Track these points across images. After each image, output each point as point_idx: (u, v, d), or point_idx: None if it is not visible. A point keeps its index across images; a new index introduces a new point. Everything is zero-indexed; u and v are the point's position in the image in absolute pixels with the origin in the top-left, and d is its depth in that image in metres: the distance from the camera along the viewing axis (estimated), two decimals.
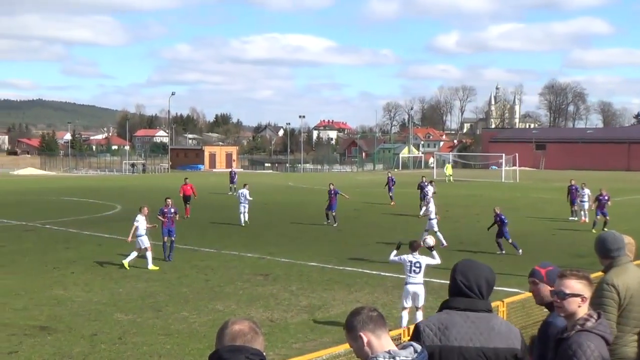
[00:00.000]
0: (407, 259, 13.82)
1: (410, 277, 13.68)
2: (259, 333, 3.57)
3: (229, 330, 3.56)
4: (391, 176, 43.63)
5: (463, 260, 4.61)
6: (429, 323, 4.41)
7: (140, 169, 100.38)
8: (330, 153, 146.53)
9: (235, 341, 3.51)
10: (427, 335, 4.33)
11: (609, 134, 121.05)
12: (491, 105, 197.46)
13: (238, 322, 3.59)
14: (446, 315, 4.40)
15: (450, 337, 4.31)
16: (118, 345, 12.60)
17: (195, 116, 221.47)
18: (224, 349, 3.49)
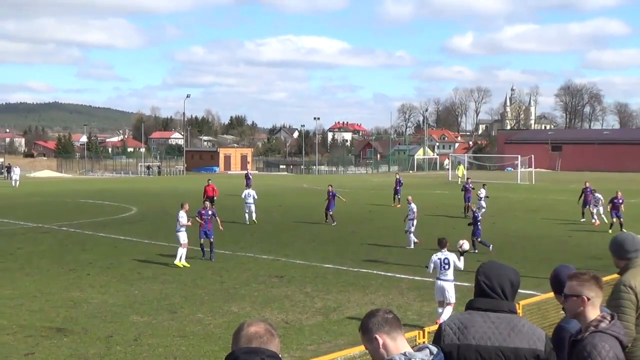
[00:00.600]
0: (435, 257, 14.39)
1: (440, 274, 14.22)
2: (275, 335, 3.57)
3: (244, 332, 3.56)
4: (399, 178, 43.52)
5: (487, 262, 4.66)
6: (450, 322, 4.48)
7: (156, 171, 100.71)
8: (345, 155, 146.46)
9: (251, 343, 3.50)
10: (447, 334, 4.41)
11: (625, 135, 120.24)
12: (506, 107, 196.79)
13: (254, 323, 3.59)
14: (467, 315, 4.46)
15: (468, 336, 4.36)
16: (134, 347, 12.63)
17: (210, 118, 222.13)
18: (240, 350, 3.49)
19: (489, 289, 4.45)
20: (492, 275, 4.47)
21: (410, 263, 21.24)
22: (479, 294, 4.49)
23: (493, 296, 4.44)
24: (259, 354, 3.45)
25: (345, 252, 23.56)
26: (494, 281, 4.45)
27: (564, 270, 5.38)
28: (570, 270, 5.38)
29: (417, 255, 22.74)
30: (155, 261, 21.87)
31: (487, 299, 4.45)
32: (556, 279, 5.32)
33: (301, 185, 65.86)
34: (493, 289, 4.45)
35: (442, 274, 14.19)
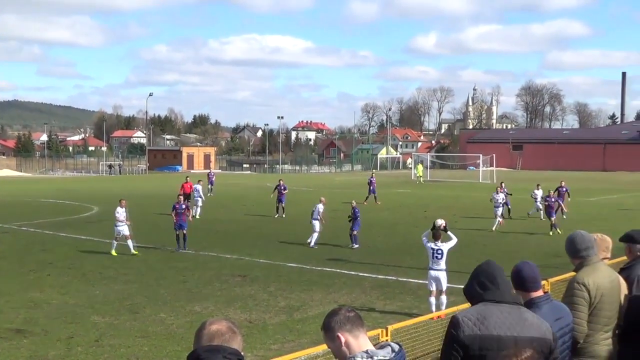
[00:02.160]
0: (430, 246, 14.90)
1: (433, 264, 14.70)
2: (237, 333, 3.56)
3: (206, 331, 3.55)
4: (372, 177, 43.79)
5: (487, 262, 4.84)
6: (467, 314, 4.58)
7: (118, 170, 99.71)
8: (308, 154, 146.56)
9: (213, 341, 3.50)
10: (466, 325, 4.51)
11: (584, 135, 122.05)
12: (469, 106, 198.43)
13: (216, 322, 3.59)
14: (483, 307, 4.58)
15: (489, 327, 4.49)
16: (95, 348, 12.50)
17: (173, 117, 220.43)
18: (201, 348, 3.48)
19: (493, 283, 4.64)
20: (495, 270, 4.68)
21: (373, 262, 21.34)
22: (484, 287, 4.64)
23: (499, 289, 4.63)
24: (220, 352, 3.45)
25: (308, 251, 23.57)
26: (497, 277, 4.66)
27: (525, 266, 5.46)
28: (531, 267, 5.46)
29: (380, 254, 22.88)
30: (117, 261, 21.66)
31: (496, 291, 4.62)
32: (517, 275, 5.39)
33: (265, 184, 65.67)
34: (497, 283, 4.64)
35: (435, 264, 14.67)
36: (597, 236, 6.51)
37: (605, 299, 5.90)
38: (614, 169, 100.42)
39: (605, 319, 5.94)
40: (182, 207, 23.86)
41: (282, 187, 34.58)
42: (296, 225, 30.12)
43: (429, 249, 14.90)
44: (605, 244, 6.41)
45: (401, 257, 22.31)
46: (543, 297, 5.34)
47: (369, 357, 3.66)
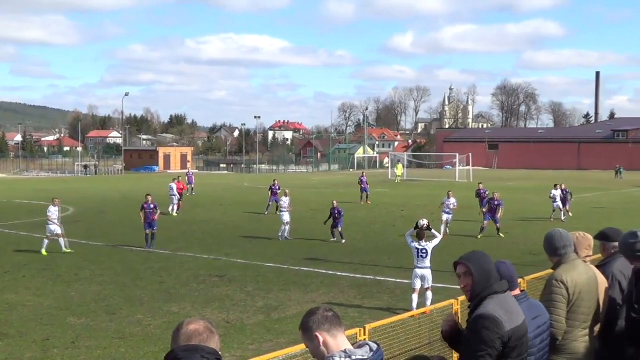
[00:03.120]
0: (415, 246, 15.17)
1: (418, 262, 14.97)
2: (215, 332, 3.56)
3: (184, 330, 3.54)
4: (364, 176, 43.69)
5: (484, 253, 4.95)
6: (497, 311, 4.61)
7: (93, 171, 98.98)
8: (285, 154, 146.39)
9: (191, 341, 3.49)
10: (504, 321, 4.58)
11: (559, 134, 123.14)
12: (445, 106, 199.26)
13: (193, 322, 3.58)
14: (500, 299, 4.68)
15: (517, 318, 4.68)
16: (71, 349, 12.40)
17: (150, 117, 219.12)
18: (179, 348, 3.47)
19: (495, 273, 4.79)
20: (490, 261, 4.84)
21: (351, 261, 21.37)
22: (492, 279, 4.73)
23: (501, 278, 4.81)
24: (199, 352, 3.44)
25: (286, 251, 23.55)
26: (494, 266, 4.85)
27: (502, 266, 5.49)
28: (508, 266, 5.50)
29: (357, 254, 22.90)
30: (93, 262, 21.50)
31: (502, 282, 4.79)
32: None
33: (242, 184, 65.59)
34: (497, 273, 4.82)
35: (421, 262, 14.95)
36: (578, 235, 6.56)
37: (583, 296, 5.96)
38: (588, 167, 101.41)
39: (584, 316, 5.99)
40: (151, 206, 24.15)
41: (276, 187, 35.65)
42: (274, 225, 30.06)
43: (414, 248, 15.13)
44: (587, 242, 6.47)
45: (379, 256, 22.36)
46: (520, 296, 5.38)
47: (347, 357, 3.66)
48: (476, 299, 4.73)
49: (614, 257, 6.67)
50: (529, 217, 33.88)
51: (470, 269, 4.74)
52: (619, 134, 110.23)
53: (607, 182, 65.35)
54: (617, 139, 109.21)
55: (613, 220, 27.76)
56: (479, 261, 4.80)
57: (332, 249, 23.85)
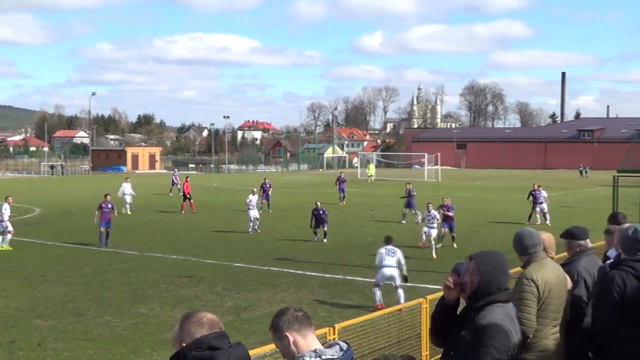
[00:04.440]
0: (380, 250, 15.41)
1: (385, 261, 15.14)
2: None
3: (206, 320, 3.63)
4: (341, 175, 43.54)
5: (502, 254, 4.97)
6: (506, 322, 4.63)
7: (60, 171, 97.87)
8: (254, 153, 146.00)
9: (214, 329, 3.62)
10: (512, 333, 4.64)
11: (526, 134, 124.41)
12: (413, 106, 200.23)
13: (205, 312, 3.70)
14: (507, 310, 4.73)
15: (518, 331, 4.78)
16: (37, 352, 12.26)
17: (117, 117, 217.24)
18: (210, 337, 3.53)
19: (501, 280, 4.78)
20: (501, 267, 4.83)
21: (320, 261, 21.40)
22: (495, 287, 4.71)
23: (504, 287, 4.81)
24: (225, 337, 3.59)
25: (255, 251, 23.51)
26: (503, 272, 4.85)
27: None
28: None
29: (327, 254, 22.94)
30: (59, 263, 21.27)
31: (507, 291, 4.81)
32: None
33: (211, 184, 65.28)
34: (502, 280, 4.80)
35: (388, 261, 15.14)
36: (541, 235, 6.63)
37: (553, 294, 6.03)
38: (554, 166, 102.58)
39: (554, 314, 6.06)
40: (109, 206, 24.94)
41: (267, 186, 36.87)
42: (243, 225, 30.00)
43: (380, 251, 15.35)
44: (549, 242, 6.53)
45: (347, 256, 22.41)
46: None
47: (317, 357, 3.67)
48: (479, 301, 4.68)
49: (579, 256, 6.76)
50: (497, 216, 34.18)
51: (480, 268, 4.72)
52: (584, 134, 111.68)
53: (572, 181, 66.17)
54: (583, 138, 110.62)
55: (578, 219, 28.12)
56: (491, 263, 4.78)
57: (302, 249, 23.86)
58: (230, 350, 3.55)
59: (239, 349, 3.62)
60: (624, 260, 6.08)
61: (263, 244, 25.30)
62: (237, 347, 3.63)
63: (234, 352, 3.57)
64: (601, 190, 47.67)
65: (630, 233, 6.08)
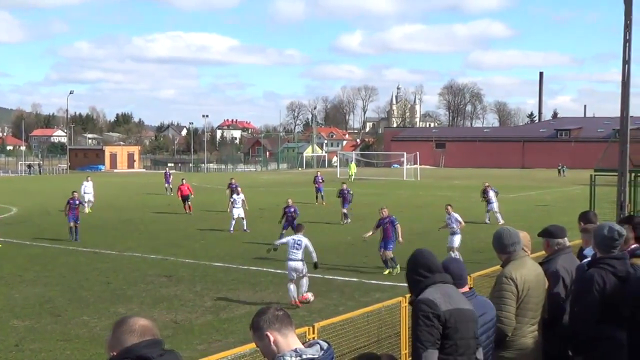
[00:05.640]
0: (290, 238, 16.05)
1: (292, 254, 15.59)
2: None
3: (136, 327, 3.52)
4: (319, 176, 43.02)
5: (419, 251, 5.25)
6: (434, 294, 4.96)
7: (37, 170, 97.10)
8: (234, 152, 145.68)
9: (145, 337, 3.47)
10: (440, 303, 4.91)
11: (504, 133, 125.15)
12: (393, 105, 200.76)
13: (139, 318, 3.60)
14: (439, 287, 5.01)
15: (456, 302, 4.99)
16: (14, 352, 12.16)
17: (95, 115, 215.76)
18: (140, 345, 3.43)
19: (435, 268, 5.11)
20: (433, 257, 5.19)
21: None
22: (429, 273, 5.06)
23: (442, 272, 5.14)
24: (158, 345, 3.46)
25: (234, 250, 23.46)
26: (436, 261, 5.17)
27: (452, 263, 5.60)
28: (459, 263, 5.59)
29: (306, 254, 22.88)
30: (37, 263, 21.10)
31: (442, 274, 5.11)
32: (446, 271, 5.51)
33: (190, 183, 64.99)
34: (439, 267, 5.16)
35: (293, 254, 15.56)
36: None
37: (531, 292, 6.08)
38: (532, 166, 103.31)
39: (532, 312, 6.12)
40: (76, 202, 26.41)
41: (234, 185, 36.51)
42: (223, 224, 29.93)
43: (290, 240, 15.90)
44: (525, 241, 6.59)
45: (326, 255, 22.35)
46: (469, 293, 5.48)
47: (297, 356, 3.67)
48: (417, 292, 5.09)
49: (558, 254, 6.82)
50: (475, 215, 34.33)
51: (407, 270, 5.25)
52: (562, 133, 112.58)
53: (550, 180, 66.68)
54: (560, 137, 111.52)
55: (556, 218, 28.33)
56: (409, 262, 5.21)
57: (281, 248, 23.78)
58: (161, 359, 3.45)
59: (170, 357, 3.51)
60: (601, 258, 6.14)
61: (242, 243, 25.24)
62: (169, 355, 3.51)
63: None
64: (578, 189, 48.06)
65: (606, 232, 6.15)
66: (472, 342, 5.04)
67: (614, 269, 5.99)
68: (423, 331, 4.86)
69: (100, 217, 33.89)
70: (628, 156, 18.46)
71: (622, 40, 17.69)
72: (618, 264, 6.03)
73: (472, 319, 5.08)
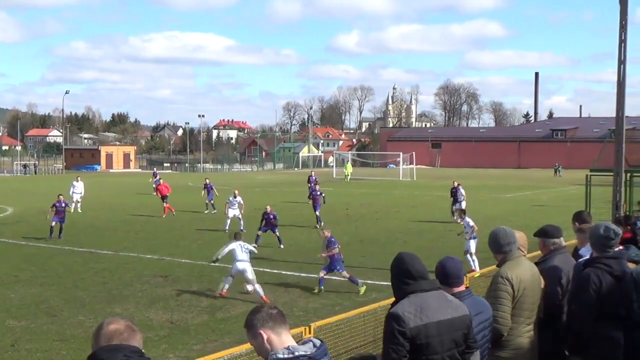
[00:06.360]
0: (234, 245, 16.52)
1: (239, 256, 16.30)
2: (137, 331, 3.59)
3: (105, 331, 3.55)
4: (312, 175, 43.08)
5: (399, 257, 5.05)
6: (404, 308, 4.76)
7: (33, 170, 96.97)
8: (230, 152, 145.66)
9: (112, 340, 3.50)
10: (409, 318, 4.72)
11: (500, 133, 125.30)
12: (389, 105, 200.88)
13: (113, 321, 3.60)
14: (415, 298, 4.80)
15: (429, 315, 4.76)
16: (10, 352, 12.14)
17: (91, 115, 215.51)
18: (101, 349, 3.46)
19: (414, 275, 4.88)
20: (415, 261, 4.94)
21: (295, 260, 21.38)
22: (410, 277, 4.86)
23: (424, 278, 4.90)
24: (121, 351, 3.44)
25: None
26: (417, 266, 4.92)
27: (449, 262, 5.59)
28: (456, 262, 5.59)
29: (302, 253, 22.92)
30: (33, 263, 21.06)
31: (424, 280, 4.88)
32: (442, 271, 5.51)
33: (186, 183, 65.00)
34: (421, 273, 4.90)
35: (243, 256, 16.32)
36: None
37: (527, 292, 6.08)
38: (528, 166, 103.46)
39: (528, 312, 6.12)
40: (62, 205, 26.72)
41: (209, 186, 36.95)
42: (218, 224, 29.90)
43: (235, 247, 16.44)
44: (521, 241, 6.60)
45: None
46: (465, 292, 5.48)
47: (290, 353, 3.69)
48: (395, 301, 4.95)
49: (554, 254, 6.82)
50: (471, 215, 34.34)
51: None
52: (557, 133, 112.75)
53: (546, 181, 66.78)
54: (556, 138, 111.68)
55: (552, 218, 28.36)
56: (391, 268, 5.07)
57: (277, 248, 23.81)
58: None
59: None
60: (597, 257, 6.15)
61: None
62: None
63: None
64: (574, 189, 48.15)
65: (602, 231, 6.17)
66: (454, 353, 4.86)
67: (610, 269, 6.00)
68: (389, 349, 4.75)
69: (95, 216, 33.83)
70: (624, 156, 18.49)
71: (617, 40, 17.73)
72: (614, 263, 6.05)
73: (458, 328, 4.88)
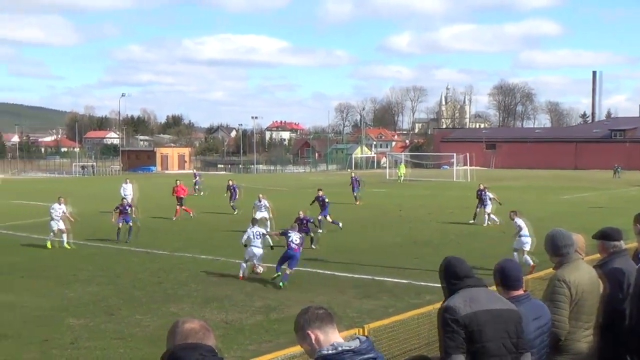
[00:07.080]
0: (249, 231, 18.86)
1: (254, 243, 18.56)
2: (211, 330, 3.60)
3: (180, 329, 3.56)
4: (355, 176, 43.45)
5: (450, 257, 5.36)
6: (454, 300, 5.04)
7: (91, 171, 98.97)
8: (283, 154, 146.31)
9: (188, 339, 3.51)
10: (459, 307, 4.96)
11: (556, 134, 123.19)
12: (442, 106, 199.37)
13: (188, 320, 3.62)
14: (465, 292, 5.06)
15: (480, 304, 4.99)
16: (70, 350, 12.40)
17: (147, 117, 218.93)
18: (177, 347, 3.47)
19: (462, 275, 5.14)
20: (461, 264, 5.23)
21: (349, 261, 21.36)
22: (459, 277, 5.12)
23: (471, 276, 5.17)
24: (197, 350, 3.45)
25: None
26: (463, 267, 5.20)
27: (509, 264, 5.53)
28: (515, 265, 5.52)
29: (354, 254, 22.89)
30: (91, 263, 21.48)
31: (470, 278, 5.14)
32: (501, 273, 5.46)
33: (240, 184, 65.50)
34: (467, 272, 5.17)
35: (256, 242, 18.54)
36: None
37: (585, 296, 5.95)
38: (585, 167, 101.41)
39: (586, 316, 5.99)
40: (126, 208, 27.06)
41: (232, 187, 38.33)
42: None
43: (250, 233, 18.69)
44: (579, 244, 6.48)
45: (376, 256, 22.34)
46: (523, 296, 5.40)
47: (334, 349, 3.71)
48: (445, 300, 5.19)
49: (613, 257, 6.68)
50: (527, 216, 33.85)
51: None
52: (616, 134, 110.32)
53: (605, 182, 65.39)
54: (615, 138, 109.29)
55: (611, 220, 27.73)
56: (439, 272, 5.31)
57: (329, 250, 23.82)
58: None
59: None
60: None
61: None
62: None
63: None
64: (634, 191, 47.11)
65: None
66: (507, 342, 4.97)
67: None
68: (445, 338, 4.96)
69: (150, 218, 34.31)
70: None
71: None
72: None
73: (508, 320, 5.01)
